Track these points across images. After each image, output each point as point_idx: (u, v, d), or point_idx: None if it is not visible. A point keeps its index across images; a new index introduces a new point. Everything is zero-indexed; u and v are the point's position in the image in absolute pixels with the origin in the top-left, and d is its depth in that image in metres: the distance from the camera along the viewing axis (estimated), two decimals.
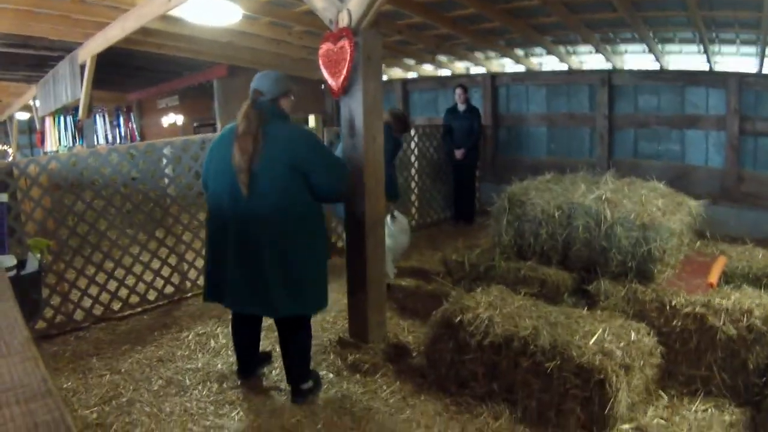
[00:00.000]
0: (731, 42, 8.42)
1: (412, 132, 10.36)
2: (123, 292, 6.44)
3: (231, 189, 4.18)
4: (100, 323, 6.18)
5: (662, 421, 4.23)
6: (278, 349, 4.88)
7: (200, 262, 6.72)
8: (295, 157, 4.11)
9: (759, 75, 9.06)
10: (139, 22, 8.04)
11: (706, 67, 9.53)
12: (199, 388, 4.84)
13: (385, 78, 13.35)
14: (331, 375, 5.04)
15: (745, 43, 8.33)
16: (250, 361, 4.97)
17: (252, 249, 4.18)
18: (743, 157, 9.46)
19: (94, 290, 6.20)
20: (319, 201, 4.31)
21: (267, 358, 5.16)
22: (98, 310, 6.25)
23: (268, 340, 5.63)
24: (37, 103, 14.96)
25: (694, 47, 9.09)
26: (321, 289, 4.46)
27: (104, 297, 6.29)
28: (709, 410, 4.37)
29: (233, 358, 5.18)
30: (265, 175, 4.09)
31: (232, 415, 4.43)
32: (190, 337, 5.81)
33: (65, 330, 5.95)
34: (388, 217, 6.92)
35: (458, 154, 10.43)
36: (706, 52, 8.84)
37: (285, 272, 4.20)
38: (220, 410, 4.50)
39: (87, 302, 6.15)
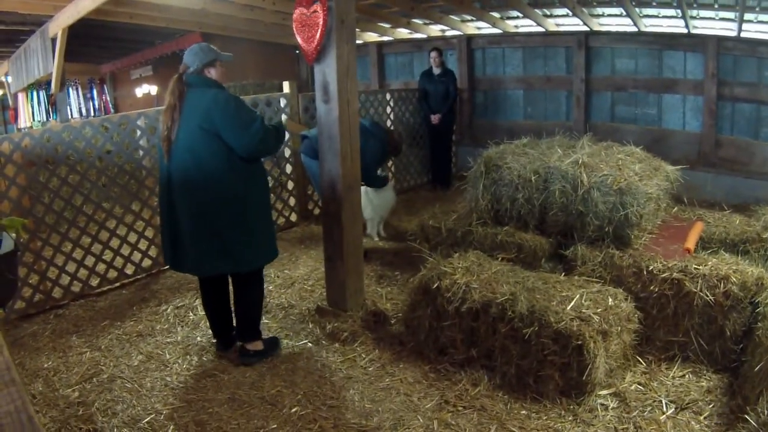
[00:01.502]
0: (709, 6, 8.37)
1: (388, 96, 10.38)
2: (101, 268, 6.38)
3: (162, 158, 4.46)
4: (79, 300, 6.12)
5: (640, 387, 4.27)
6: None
7: None
8: (207, 120, 4.21)
9: (737, 39, 9.03)
10: None
11: (684, 31, 9.50)
12: (179, 362, 4.84)
13: (359, 42, 13.20)
14: (310, 344, 5.05)
15: (723, 7, 8.28)
16: (224, 333, 4.98)
17: (178, 211, 4.40)
18: (721, 122, 9.48)
19: (71, 267, 6.12)
20: (245, 161, 4.39)
21: None
22: (77, 287, 6.19)
23: None
24: (9, 79, 14.75)
25: (671, 11, 9.03)
26: (251, 248, 4.51)
27: (82, 273, 6.22)
28: (687, 376, 4.42)
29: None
30: (181, 141, 4.29)
31: (214, 387, 4.43)
32: (169, 310, 5.78)
33: (44, 308, 5.89)
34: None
35: (434, 119, 10.39)
36: (683, 16, 8.79)
37: (206, 231, 4.37)
38: (200, 383, 4.50)
39: (65, 279, 6.09)
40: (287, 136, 7.03)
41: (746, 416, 3.43)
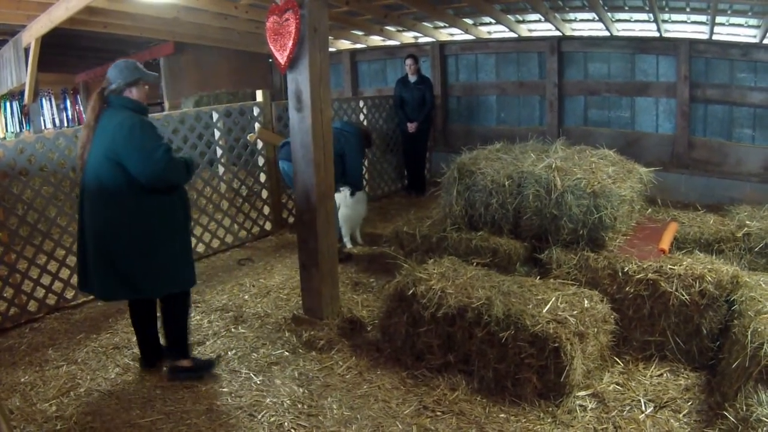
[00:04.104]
0: (681, 10, 8.46)
1: (361, 104, 10.46)
2: (76, 280, 6.26)
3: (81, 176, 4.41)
4: (54, 313, 6.05)
5: (618, 387, 4.30)
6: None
7: None
8: (111, 147, 4.12)
9: (709, 42, 9.15)
10: (84, 1, 7.84)
11: (656, 35, 9.58)
12: (157, 373, 4.79)
13: (332, 49, 13.23)
14: (286, 353, 5.03)
15: (695, 10, 8.37)
16: (147, 350, 4.91)
17: (86, 231, 4.35)
18: (693, 123, 9.57)
19: (46, 279, 6.05)
20: (154, 190, 4.26)
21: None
22: (52, 300, 6.12)
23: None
24: None
25: (644, 15, 9.11)
26: (150, 277, 4.35)
27: (57, 286, 6.14)
28: (665, 375, 4.47)
29: (191, 340, 5.15)
30: (91, 164, 4.23)
31: (191, 398, 4.40)
32: None
33: (20, 322, 5.81)
34: (345, 188, 7.20)
35: (411, 127, 10.38)
36: (655, 19, 8.87)
37: (105, 255, 4.27)
38: (178, 395, 4.47)
39: (40, 292, 6.01)
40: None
41: (725, 413, 3.47)
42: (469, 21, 10.93)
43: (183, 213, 4.54)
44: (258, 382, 4.59)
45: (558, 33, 10.40)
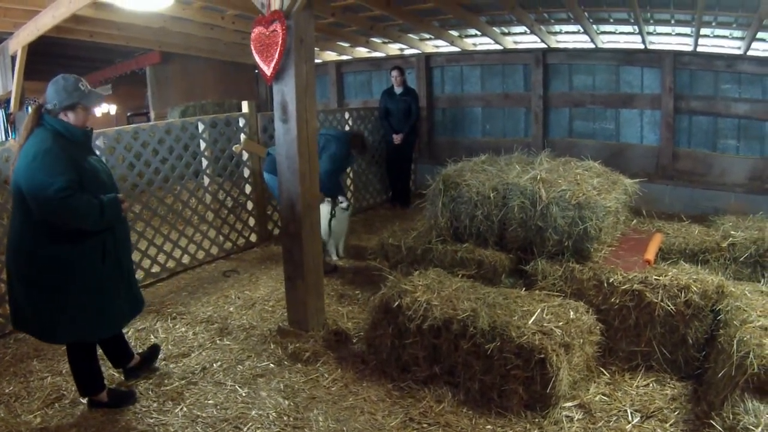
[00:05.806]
0: (666, 22, 8.52)
1: (347, 115, 10.40)
2: None
3: None
4: None
5: (604, 398, 4.31)
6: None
7: (136, 256, 6.61)
8: (15, 175, 3.83)
9: (694, 54, 9.26)
10: (71, 10, 7.84)
11: (641, 47, 9.65)
12: (141, 384, 4.75)
13: (318, 61, 13.23)
14: (272, 365, 5.01)
15: (680, 23, 8.44)
16: (117, 363, 4.85)
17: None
18: (678, 135, 9.68)
19: None
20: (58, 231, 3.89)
21: (153, 352, 5.08)
22: None
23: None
24: None
25: (628, 27, 9.17)
26: (50, 321, 4.01)
27: None
28: (651, 385, 4.49)
29: (176, 352, 5.20)
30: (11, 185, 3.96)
31: (176, 411, 4.37)
32: (130, 333, 5.65)
33: (4, 333, 5.75)
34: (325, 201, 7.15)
35: (396, 138, 10.34)
36: (640, 32, 8.93)
37: (12, 285, 4.07)
38: (163, 407, 4.44)
39: None
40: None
41: (712, 422, 3.48)
42: (454, 33, 10.97)
43: (95, 265, 4.05)
44: (243, 395, 4.56)
45: (543, 45, 10.48)
